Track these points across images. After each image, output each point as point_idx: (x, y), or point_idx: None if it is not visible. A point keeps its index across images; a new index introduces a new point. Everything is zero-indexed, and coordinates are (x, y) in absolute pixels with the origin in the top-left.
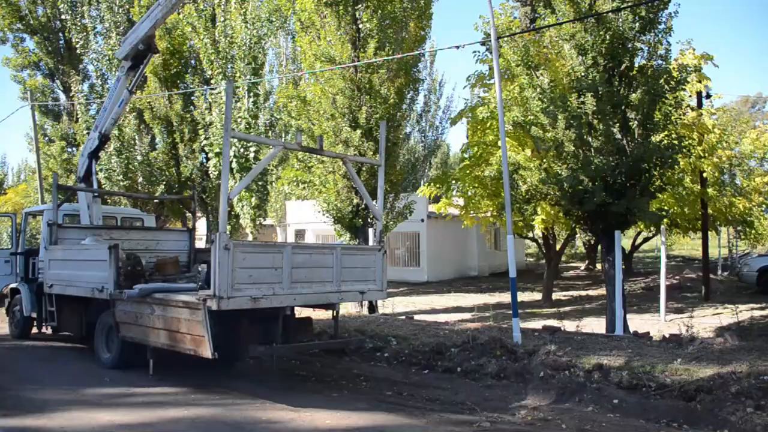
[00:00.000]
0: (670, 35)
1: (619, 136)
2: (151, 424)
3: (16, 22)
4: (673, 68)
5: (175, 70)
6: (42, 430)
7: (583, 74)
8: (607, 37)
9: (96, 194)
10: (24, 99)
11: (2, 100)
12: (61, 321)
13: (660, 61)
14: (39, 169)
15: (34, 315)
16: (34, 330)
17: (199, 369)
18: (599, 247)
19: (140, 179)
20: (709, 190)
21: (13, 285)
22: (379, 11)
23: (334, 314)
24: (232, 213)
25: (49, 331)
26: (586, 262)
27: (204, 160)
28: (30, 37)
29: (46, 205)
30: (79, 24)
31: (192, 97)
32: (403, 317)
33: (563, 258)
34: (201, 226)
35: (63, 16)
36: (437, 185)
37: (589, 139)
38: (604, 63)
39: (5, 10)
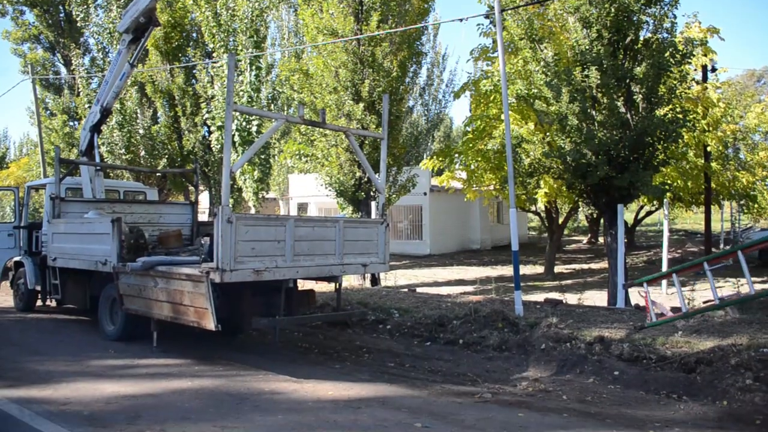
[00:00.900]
0: (676, 8)
1: (623, 109)
2: (156, 395)
3: None
4: (679, 41)
5: (176, 43)
6: (47, 401)
7: (587, 47)
8: (612, 9)
9: (98, 168)
10: (25, 72)
11: (3, 73)
12: (65, 294)
13: (665, 35)
14: (41, 142)
15: (39, 288)
16: (39, 303)
17: (203, 341)
18: (602, 220)
19: (142, 153)
20: (713, 164)
21: (17, 258)
22: None
23: (337, 287)
24: (235, 186)
25: (54, 303)
26: (589, 235)
27: (206, 134)
28: (30, 9)
29: (48, 179)
30: None
31: (194, 71)
32: (406, 290)
33: (566, 231)
34: (203, 199)
35: None
36: (440, 158)
37: (593, 112)
38: (608, 36)
39: None
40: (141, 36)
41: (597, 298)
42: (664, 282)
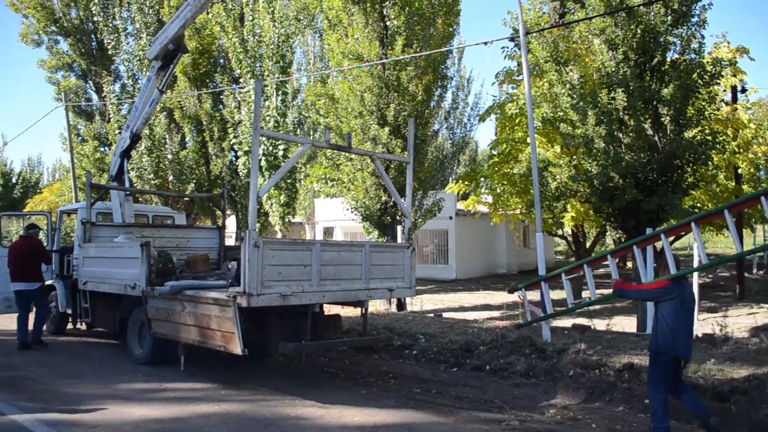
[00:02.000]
0: (703, 28)
1: (650, 132)
2: (183, 419)
3: (50, 24)
4: (707, 62)
5: (204, 69)
6: (78, 424)
7: (613, 69)
8: (639, 31)
9: (128, 193)
10: (58, 100)
11: (38, 101)
12: (95, 317)
13: (693, 55)
14: (73, 168)
15: (69, 311)
16: (69, 326)
17: (229, 365)
18: None
19: (171, 178)
20: (744, 186)
21: (49, 282)
22: (407, 8)
23: (363, 311)
24: (261, 211)
25: (84, 327)
26: (617, 260)
27: (233, 159)
28: (64, 39)
29: (80, 204)
30: (110, 25)
31: (221, 96)
32: (432, 315)
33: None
34: (231, 223)
35: (95, 18)
36: (466, 182)
37: (620, 135)
38: (635, 58)
39: (40, 13)
40: (170, 63)
41: (626, 323)
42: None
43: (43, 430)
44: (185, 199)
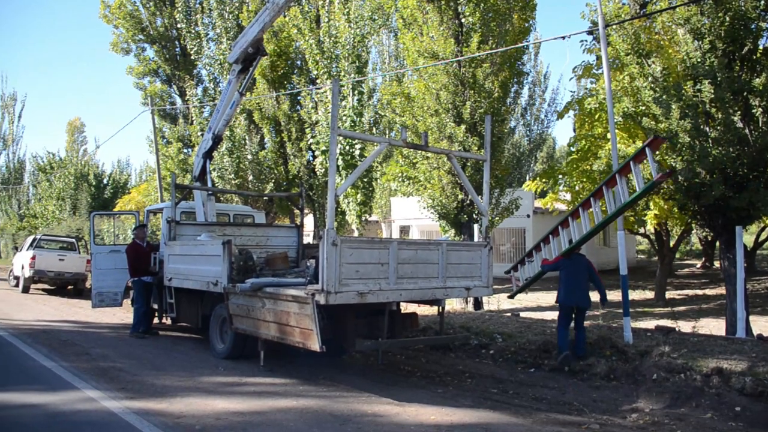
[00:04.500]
0: None
1: (740, 124)
2: (263, 412)
3: (138, 33)
4: None
5: (282, 71)
6: (163, 414)
7: (699, 60)
8: (727, 18)
9: (210, 192)
10: (145, 104)
11: (126, 106)
12: (179, 312)
13: None
14: (158, 169)
15: (156, 306)
16: (155, 320)
17: (307, 361)
18: (717, 243)
19: (250, 177)
20: None
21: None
22: (482, 4)
23: (440, 310)
24: (339, 209)
25: (169, 321)
26: (703, 259)
27: (311, 158)
28: (150, 46)
29: (165, 203)
30: (193, 31)
31: (299, 97)
32: (509, 314)
33: (677, 255)
34: (308, 222)
35: (179, 25)
36: (543, 180)
37: (707, 129)
38: (723, 47)
39: (129, 23)
40: (249, 66)
41: (713, 326)
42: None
43: (133, 418)
44: (264, 198)
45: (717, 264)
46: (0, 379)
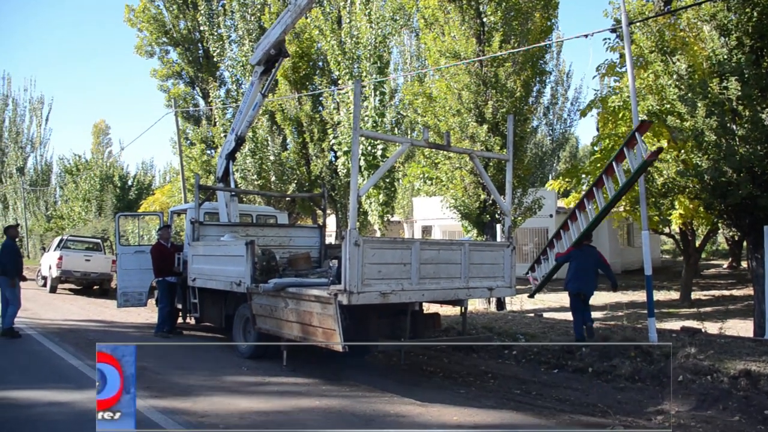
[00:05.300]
0: None
1: None
2: (286, 412)
3: (161, 36)
4: None
5: (304, 72)
6: (188, 413)
7: (726, 57)
8: (755, 13)
9: (233, 193)
10: (168, 106)
11: (150, 109)
12: (203, 312)
13: None
14: (182, 170)
15: (180, 306)
16: (179, 320)
17: (329, 361)
18: (745, 243)
19: (273, 178)
20: None
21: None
22: (503, 3)
23: (462, 311)
24: (361, 210)
25: (193, 321)
26: (730, 259)
27: (333, 159)
28: (173, 49)
29: (189, 204)
30: (215, 34)
31: (320, 98)
32: (532, 315)
33: (703, 255)
34: (331, 222)
35: (202, 28)
36: (566, 179)
37: (734, 126)
38: (750, 43)
39: (153, 26)
40: (271, 67)
41: (741, 327)
42: None
43: (158, 417)
44: (287, 198)
45: (744, 264)
46: (29, 378)
